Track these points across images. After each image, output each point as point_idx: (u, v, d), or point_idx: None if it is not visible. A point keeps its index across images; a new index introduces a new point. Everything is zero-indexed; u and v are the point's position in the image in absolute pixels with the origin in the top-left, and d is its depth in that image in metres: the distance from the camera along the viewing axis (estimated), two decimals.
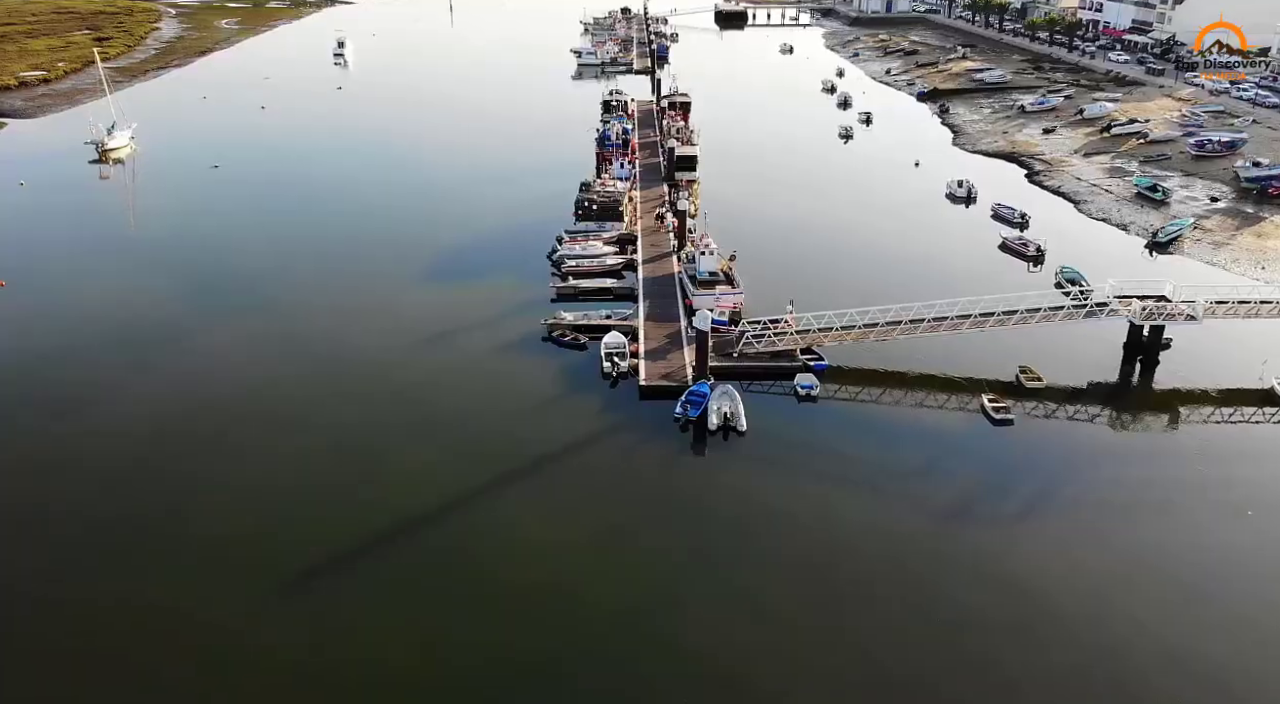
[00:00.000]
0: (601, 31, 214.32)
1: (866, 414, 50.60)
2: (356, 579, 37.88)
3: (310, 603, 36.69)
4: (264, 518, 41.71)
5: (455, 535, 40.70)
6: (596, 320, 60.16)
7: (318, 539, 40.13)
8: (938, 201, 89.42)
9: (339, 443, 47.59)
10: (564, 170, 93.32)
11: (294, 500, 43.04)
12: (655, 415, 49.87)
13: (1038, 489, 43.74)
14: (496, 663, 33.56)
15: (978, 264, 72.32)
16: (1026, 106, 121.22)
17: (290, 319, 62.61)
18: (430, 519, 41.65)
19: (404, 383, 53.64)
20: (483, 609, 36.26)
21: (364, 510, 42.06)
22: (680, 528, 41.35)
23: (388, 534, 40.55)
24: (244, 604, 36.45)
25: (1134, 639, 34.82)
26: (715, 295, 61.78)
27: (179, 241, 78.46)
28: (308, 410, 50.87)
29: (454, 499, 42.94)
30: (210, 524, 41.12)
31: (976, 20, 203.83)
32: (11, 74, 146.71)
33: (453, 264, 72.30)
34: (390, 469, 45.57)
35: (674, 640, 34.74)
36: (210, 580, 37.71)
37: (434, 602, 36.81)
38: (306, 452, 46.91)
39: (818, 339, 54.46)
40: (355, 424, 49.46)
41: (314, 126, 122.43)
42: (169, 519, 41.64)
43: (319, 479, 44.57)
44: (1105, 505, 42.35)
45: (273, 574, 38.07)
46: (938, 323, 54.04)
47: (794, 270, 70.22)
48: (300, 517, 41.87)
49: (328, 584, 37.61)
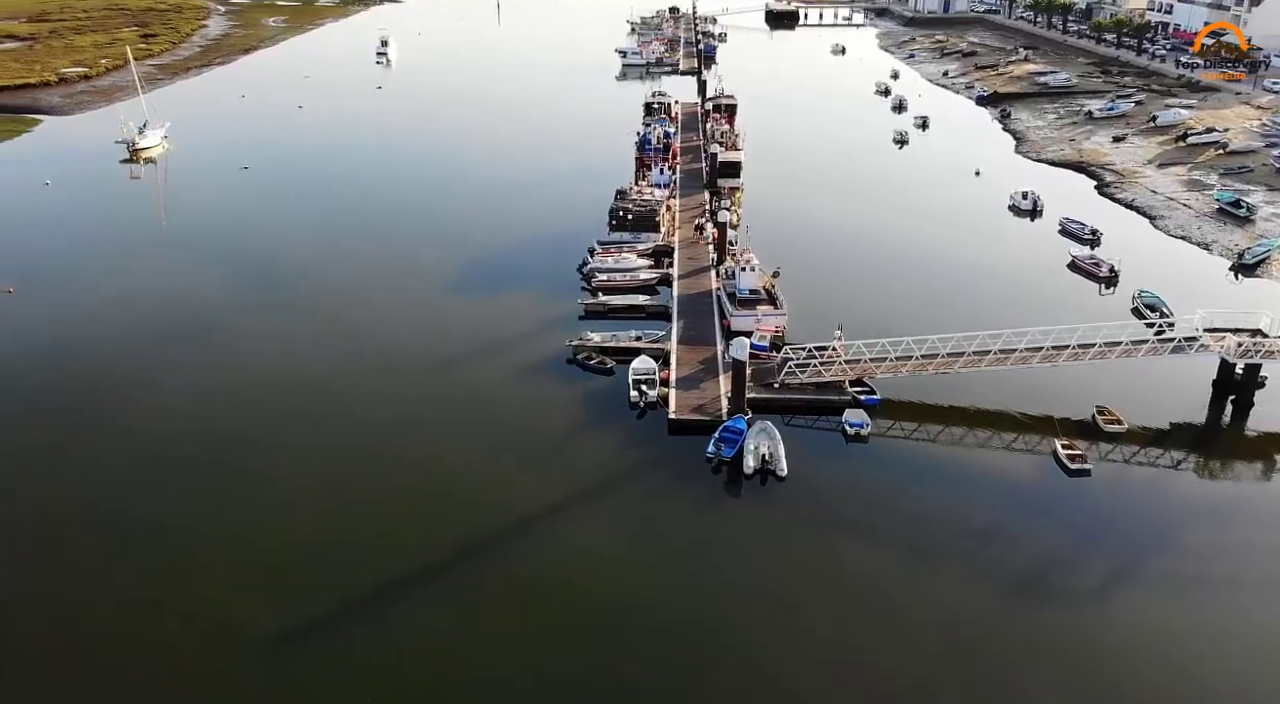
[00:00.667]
0: (648, 31, 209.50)
1: (923, 458, 45.25)
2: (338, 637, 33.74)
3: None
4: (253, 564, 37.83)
5: (442, 600, 36.11)
6: (625, 342, 55.52)
7: (296, 597, 36.03)
8: (1000, 214, 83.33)
9: (337, 480, 43.46)
10: (602, 175, 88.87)
11: (298, 527, 39.08)
12: (685, 453, 45.04)
13: (1123, 558, 38.10)
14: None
15: (1045, 285, 66.37)
16: (1094, 112, 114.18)
17: (298, 334, 58.83)
18: (423, 573, 37.25)
19: (416, 408, 49.48)
20: (474, 672, 31.83)
21: (365, 552, 37.91)
22: (699, 599, 35.98)
23: (389, 576, 36.33)
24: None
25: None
26: (755, 316, 56.88)
27: (201, 246, 75.25)
28: (306, 435, 46.88)
29: (446, 550, 38.49)
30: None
31: (1038, 21, 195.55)
32: (53, 70, 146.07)
33: (479, 276, 68.09)
34: (391, 506, 41.37)
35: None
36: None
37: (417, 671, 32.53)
38: (304, 489, 42.92)
39: (869, 370, 49.18)
40: (356, 455, 45.36)
41: (350, 127, 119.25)
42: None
43: (321, 511, 40.55)
44: (1203, 582, 36.63)
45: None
46: (1005, 356, 48.48)
47: (842, 289, 64.99)
48: (304, 558, 37.88)
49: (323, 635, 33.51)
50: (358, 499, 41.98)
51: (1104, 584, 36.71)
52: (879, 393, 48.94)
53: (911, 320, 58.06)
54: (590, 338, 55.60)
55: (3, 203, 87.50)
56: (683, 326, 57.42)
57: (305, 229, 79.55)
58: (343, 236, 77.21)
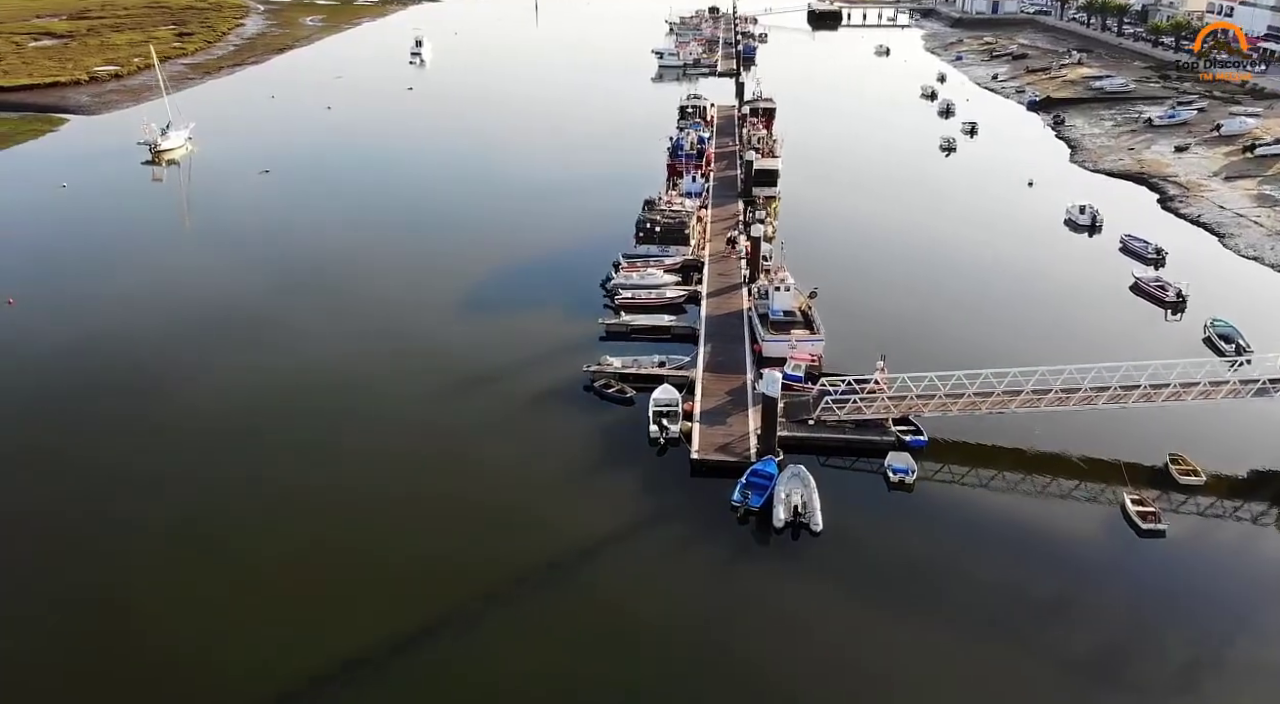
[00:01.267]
0: (686, 32, 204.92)
1: (974, 511, 40.54)
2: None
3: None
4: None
5: (421, 668, 32.10)
6: (647, 368, 51.40)
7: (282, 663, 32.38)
8: (1056, 229, 77.94)
9: (324, 528, 39.85)
10: (633, 181, 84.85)
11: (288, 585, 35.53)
12: (709, 499, 40.75)
13: (1205, 637, 33.28)
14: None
15: (1106, 309, 61.19)
16: (1154, 120, 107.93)
17: (305, 348, 55.46)
18: (406, 629, 33.42)
19: (420, 437, 45.78)
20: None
21: (343, 608, 34.23)
22: (719, 680, 31.63)
23: (363, 645, 32.58)
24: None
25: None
26: (789, 341, 52.53)
27: (214, 254, 72.48)
28: (306, 474, 43.34)
29: (439, 605, 34.66)
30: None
31: (1092, 23, 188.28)
32: (85, 69, 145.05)
33: (498, 290, 64.30)
34: (388, 547, 37.70)
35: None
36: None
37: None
38: (296, 531, 39.39)
39: (915, 407, 44.53)
40: (356, 489, 41.75)
41: (378, 130, 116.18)
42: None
43: (306, 561, 36.96)
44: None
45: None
46: (1067, 395, 43.63)
47: (885, 312, 60.26)
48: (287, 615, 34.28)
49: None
50: (349, 537, 38.38)
51: (1183, 670, 31.98)
52: (926, 433, 44.35)
53: (960, 348, 53.61)
54: (609, 363, 51.54)
55: (15, 206, 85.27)
56: (710, 352, 53.11)
57: (321, 236, 76.29)
58: (359, 245, 73.78)
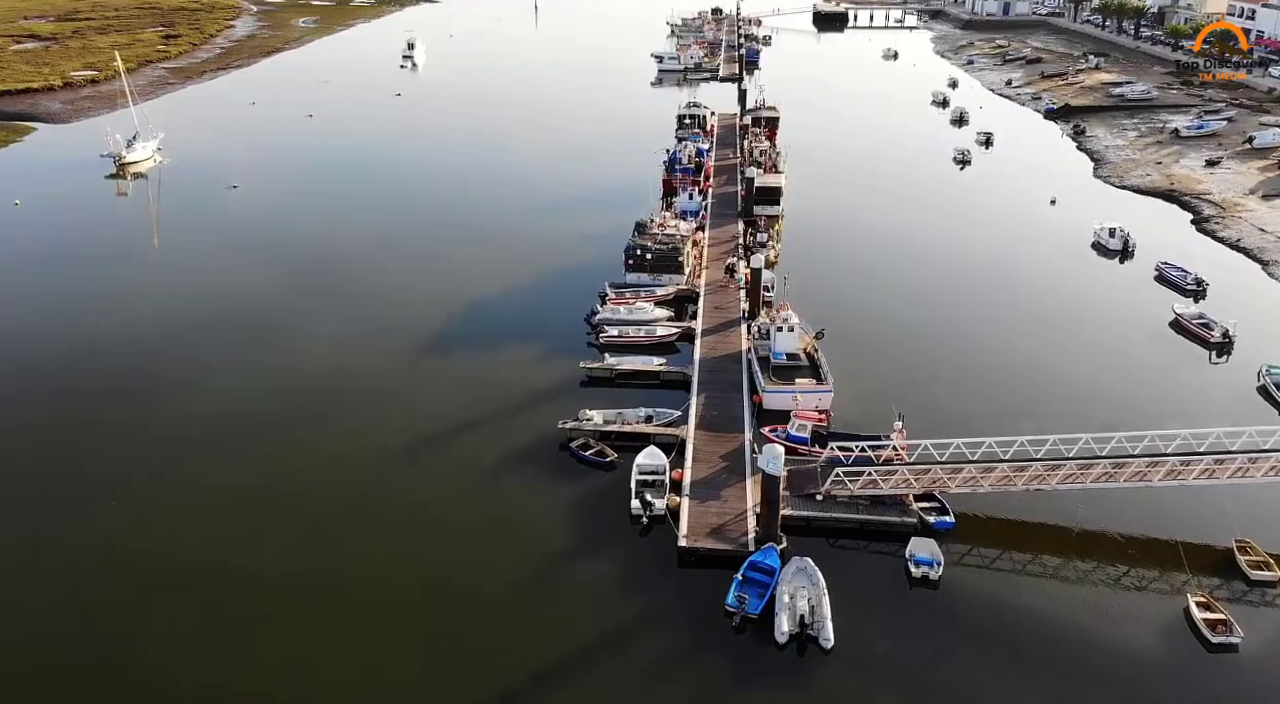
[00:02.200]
0: (688, 34, 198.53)
1: (1011, 611, 34.32)
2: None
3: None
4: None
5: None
6: (631, 424, 45.36)
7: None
8: (1084, 254, 71.56)
9: (246, 612, 33.95)
10: (627, 197, 78.57)
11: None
12: (698, 598, 34.63)
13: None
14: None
15: (1146, 352, 54.93)
16: (1181, 130, 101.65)
17: (246, 401, 49.53)
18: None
19: (367, 511, 39.82)
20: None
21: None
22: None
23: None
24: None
25: None
26: (793, 392, 46.49)
27: (172, 274, 67.10)
28: (227, 552, 37.39)
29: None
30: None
31: (1107, 25, 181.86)
32: (61, 74, 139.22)
33: (472, 326, 58.14)
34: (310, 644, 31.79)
35: None
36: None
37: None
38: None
39: (940, 482, 38.33)
40: (285, 584, 35.82)
41: (360, 139, 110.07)
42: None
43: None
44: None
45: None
46: (1117, 469, 37.48)
47: (899, 354, 54.02)
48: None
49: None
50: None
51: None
52: (953, 511, 38.25)
53: (986, 396, 48.07)
54: (589, 418, 45.45)
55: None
56: (703, 404, 46.96)
57: (277, 264, 69.61)
58: (321, 273, 67.22)
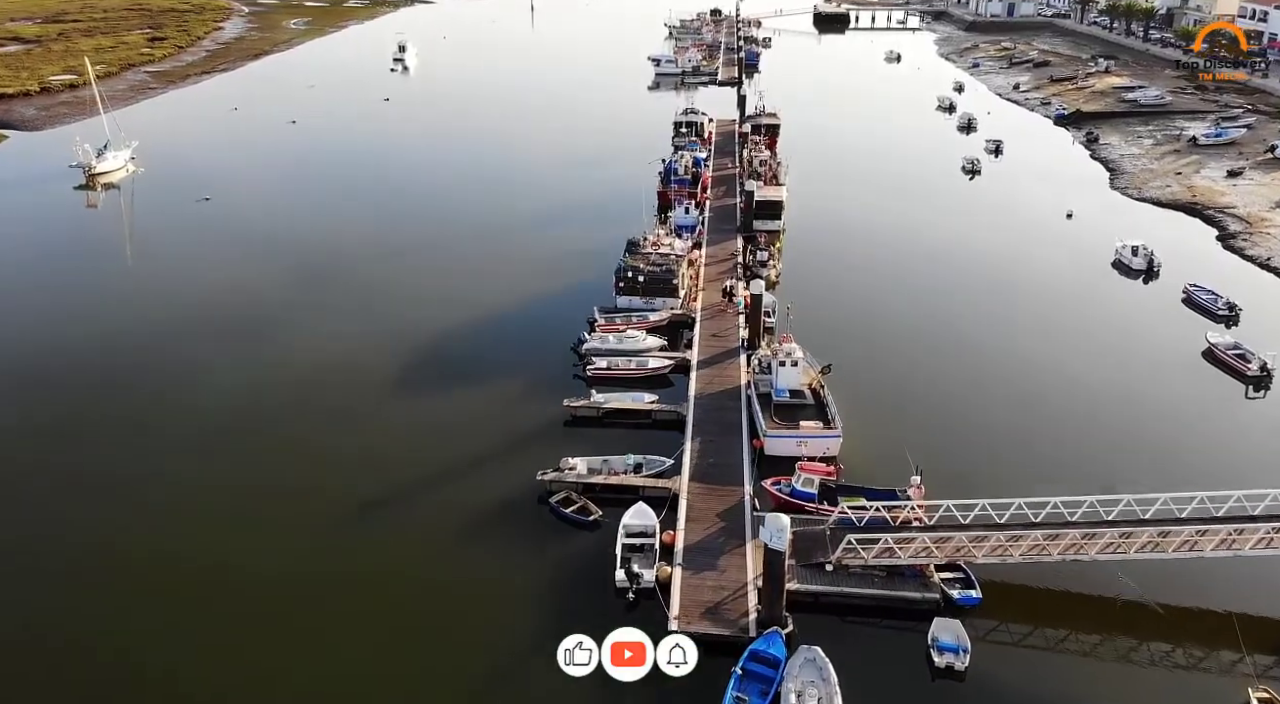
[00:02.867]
0: (686, 35, 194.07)
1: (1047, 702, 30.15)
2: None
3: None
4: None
5: None
6: (619, 475, 41.02)
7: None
8: (1105, 274, 67.10)
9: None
10: (620, 210, 73.89)
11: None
12: (690, 697, 30.21)
13: None
14: None
15: (1178, 386, 50.56)
16: (1199, 139, 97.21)
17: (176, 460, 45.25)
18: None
19: (301, 602, 35.49)
20: None
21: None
22: None
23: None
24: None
25: None
26: (798, 437, 42.18)
27: (137, 300, 62.92)
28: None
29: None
30: None
31: (1115, 27, 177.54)
32: (39, 78, 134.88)
33: (449, 359, 53.22)
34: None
35: None
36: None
37: None
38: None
39: (965, 550, 33.87)
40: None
41: (342, 147, 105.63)
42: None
43: None
44: None
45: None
46: (1164, 537, 33.09)
47: (910, 390, 49.53)
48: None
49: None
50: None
51: None
52: (978, 584, 33.91)
53: (1010, 439, 44.52)
54: (572, 466, 41.09)
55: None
56: (698, 450, 42.58)
57: (246, 280, 65.33)
58: (286, 295, 62.23)
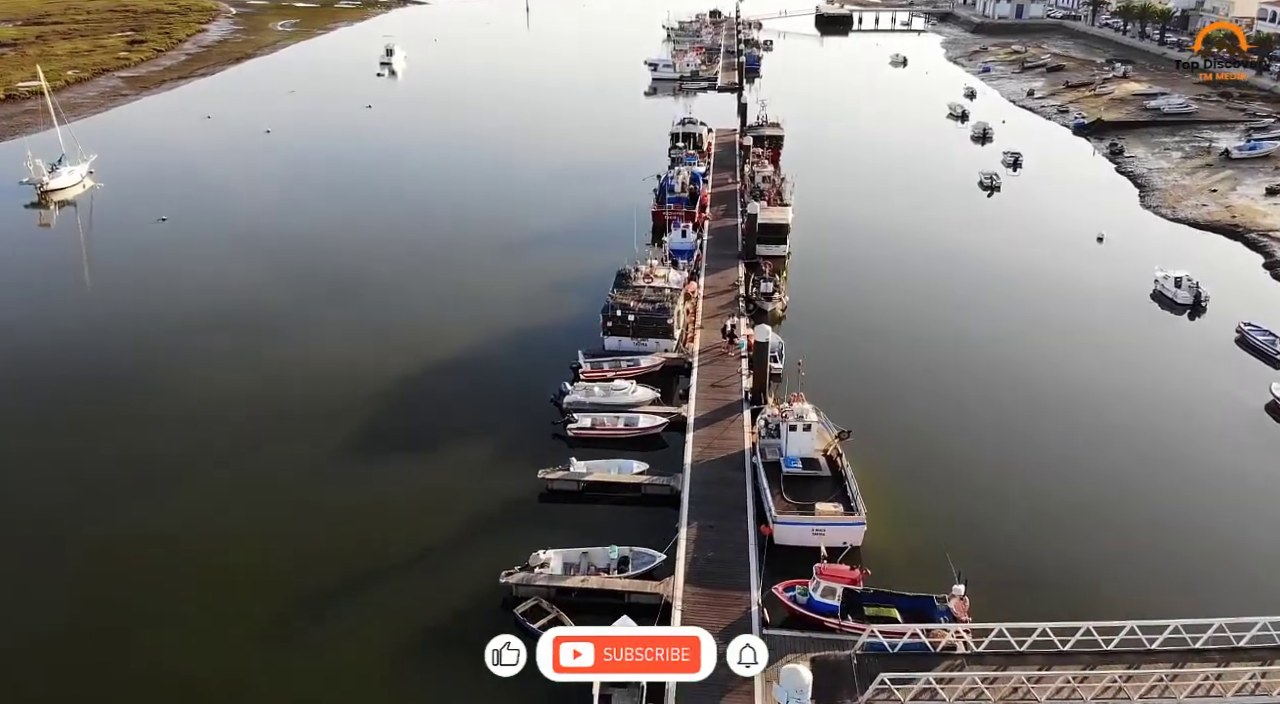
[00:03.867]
0: (684, 38, 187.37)
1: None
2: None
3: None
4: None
5: None
6: (599, 571, 34.66)
7: None
8: (1144, 307, 60.63)
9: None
10: (612, 232, 67.86)
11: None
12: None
13: None
14: None
15: (1247, 452, 44.03)
16: (1232, 152, 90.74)
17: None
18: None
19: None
20: None
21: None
22: None
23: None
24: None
25: None
26: (813, 525, 35.76)
27: (88, 327, 57.06)
28: None
29: None
30: None
31: (1127, 30, 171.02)
32: (5, 85, 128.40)
33: (405, 415, 46.62)
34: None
35: None
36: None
37: None
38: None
39: (1025, 690, 27.28)
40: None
41: (317, 160, 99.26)
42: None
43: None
44: None
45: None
46: (1265, 676, 26.72)
47: (940, 456, 43.19)
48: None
49: None
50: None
51: None
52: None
53: (1060, 525, 37.93)
54: (543, 562, 34.68)
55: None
56: (695, 540, 36.04)
57: (201, 308, 59.63)
58: (235, 338, 55.75)
